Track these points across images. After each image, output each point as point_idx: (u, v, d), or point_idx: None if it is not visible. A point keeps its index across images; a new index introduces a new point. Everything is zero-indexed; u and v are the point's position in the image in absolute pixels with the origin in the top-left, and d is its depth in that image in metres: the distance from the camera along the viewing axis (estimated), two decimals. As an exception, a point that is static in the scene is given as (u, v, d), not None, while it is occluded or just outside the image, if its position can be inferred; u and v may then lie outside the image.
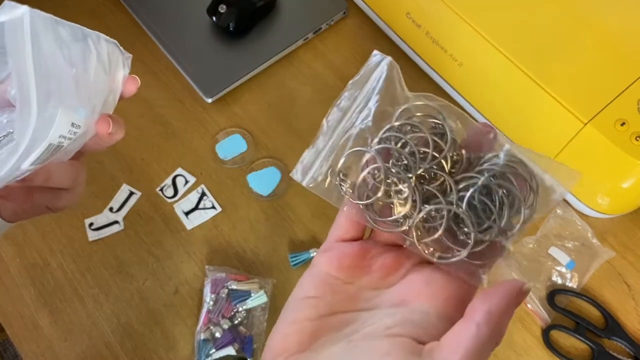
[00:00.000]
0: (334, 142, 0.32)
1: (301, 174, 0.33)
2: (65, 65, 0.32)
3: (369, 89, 0.32)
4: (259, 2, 0.72)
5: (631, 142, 0.53)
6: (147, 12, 0.75)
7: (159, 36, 0.73)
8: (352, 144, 0.32)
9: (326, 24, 0.74)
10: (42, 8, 0.30)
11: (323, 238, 0.63)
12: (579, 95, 0.55)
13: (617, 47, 0.57)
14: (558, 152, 0.58)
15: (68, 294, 0.61)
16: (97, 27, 0.34)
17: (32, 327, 0.60)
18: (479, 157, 0.30)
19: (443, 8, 0.60)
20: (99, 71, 0.35)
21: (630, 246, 0.62)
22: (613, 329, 0.58)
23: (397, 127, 0.31)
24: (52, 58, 0.31)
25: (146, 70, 0.73)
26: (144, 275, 0.62)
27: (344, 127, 0.33)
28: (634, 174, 0.55)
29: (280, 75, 0.72)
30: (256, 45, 0.72)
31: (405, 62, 0.71)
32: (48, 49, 0.31)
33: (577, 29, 0.58)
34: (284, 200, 0.65)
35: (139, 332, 0.60)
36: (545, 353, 0.57)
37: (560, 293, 0.59)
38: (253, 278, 0.60)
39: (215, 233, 0.64)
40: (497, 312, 0.26)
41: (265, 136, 0.68)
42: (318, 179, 0.32)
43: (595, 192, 0.59)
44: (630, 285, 0.60)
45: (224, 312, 0.58)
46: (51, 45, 0.31)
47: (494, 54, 0.58)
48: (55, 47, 0.31)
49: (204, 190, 0.65)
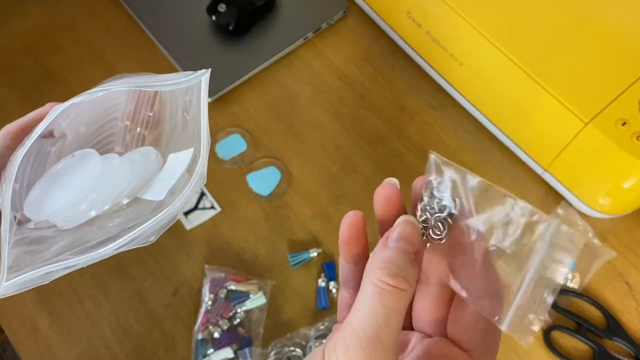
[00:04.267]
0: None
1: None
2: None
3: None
4: (259, 2, 0.72)
5: (632, 142, 0.53)
6: (146, 11, 0.75)
7: (159, 35, 0.73)
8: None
9: (326, 23, 0.74)
10: (42, 8, 0.29)
11: (323, 238, 0.63)
12: (580, 94, 0.55)
13: (619, 46, 0.57)
14: (559, 152, 0.57)
15: (67, 295, 0.61)
16: (96, 26, 0.34)
17: (31, 327, 0.60)
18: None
19: (443, 7, 0.60)
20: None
21: (631, 246, 0.61)
22: (614, 329, 0.57)
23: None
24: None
25: (145, 70, 0.72)
26: (143, 276, 0.62)
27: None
28: (635, 173, 0.55)
29: (280, 75, 0.72)
30: (256, 45, 0.72)
31: (405, 62, 0.71)
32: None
33: (578, 28, 0.58)
34: (284, 200, 0.65)
35: (138, 333, 0.59)
36: (546, 353, 0.57)
37: (561, 293, 0.59)
38: (252, 279, 0.60)
39: (214, 233, 0.63)
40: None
41: (265, 136, 0.68)
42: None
43: (596, 192, 0.59)
44: (632, 286, 0.60)
45: (222, 313, 0.58)
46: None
47: (494, 53, 0.58)
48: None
49: (203, 190, 0.65)
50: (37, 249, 0.34)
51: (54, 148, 0.39)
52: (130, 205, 0.37)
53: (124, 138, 0.40)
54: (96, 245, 0.34)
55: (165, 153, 0.38)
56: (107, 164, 0.37)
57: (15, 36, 0.75)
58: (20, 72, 0.73)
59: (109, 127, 0.40)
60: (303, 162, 0.67)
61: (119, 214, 0.36)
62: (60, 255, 0.33)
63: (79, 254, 0.33)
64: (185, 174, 0.36)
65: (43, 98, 0.71)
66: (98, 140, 0.40)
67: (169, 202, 0.35)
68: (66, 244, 0.35)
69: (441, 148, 0.67)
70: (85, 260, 0.33)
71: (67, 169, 0.37)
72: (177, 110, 0.39)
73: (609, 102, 0.54)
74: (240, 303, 0.58)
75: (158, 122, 0.40)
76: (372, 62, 0.72)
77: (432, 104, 0.69)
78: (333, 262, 0.61)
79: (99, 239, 0.34)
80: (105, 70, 0.73)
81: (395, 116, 0.69)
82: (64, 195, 0.36)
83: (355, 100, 0.70)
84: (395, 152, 0.67)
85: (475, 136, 0.67)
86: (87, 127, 0.40)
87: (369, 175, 0.66)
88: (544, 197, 0.64)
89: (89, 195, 0.36)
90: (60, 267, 0.33)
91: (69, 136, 0.40)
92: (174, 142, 0.39)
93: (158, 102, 0.40)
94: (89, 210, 0.36)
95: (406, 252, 0.26)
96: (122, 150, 0.41)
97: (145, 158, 0.38)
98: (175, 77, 0.36)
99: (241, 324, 0.58)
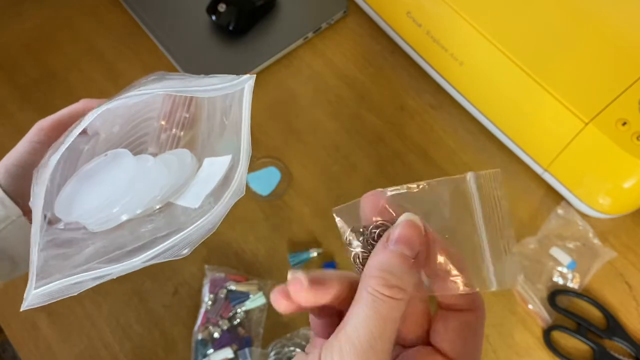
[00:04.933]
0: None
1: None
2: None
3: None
4: (259, 1, 0.72)
5: (632, 141, 0.53)
6: (146, 11, 0.74)
7: (158, 35, 0.73)
8: None
9: (326, 23, 0.74)
10: (42, 8, 0.29)
11: (323, 238, 0.63)
12: (580, 94, 0.55)
13: (619, 46, 0.57)
14: (559, 152, 0.57)
15: (67, 295, 0.61)
16: (96, 27, 0.34)
17: (31, 328, 0.60)
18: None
19: (444, 7, 0.60)
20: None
21: (631, 246, 0.61)
22: (614, 329, 0.57)
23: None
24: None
25: (145, 70, 0.72)
26: (143, 276, 0.62)
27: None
28: (636, 173, 0.54)
29: (280, 75, 0.72)
30: (256, 45, 0.72)
31: (405, 62, 0.71)
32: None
33: (579, 29, 0.58)
34: (284, 200, 0.65)
35: (137, 333, 0.59)
36: (546, 354, 0.57)
37: (561, 293, 0.59)
38: (252, 279, 0.60)
39: (214, 233, 0.63)
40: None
41: (265, 136, 0.68)
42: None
43: (596, 192, 0.59)
44: (632, 286, 0.60)
45: (222, 313, 0.58)
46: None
47: (494, 53, 0.58)
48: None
49: (203, 190, 0.65)
50: (67, 252, 0.33)
51: (87, 146, 0.38)
52: (162, 211, 0.35)
53: (158, 138, 0.39)
54: (127, 255, 0.32)
55: (201, 156, 0.37)
56: (141, 166, 0.36)
57: (15, 36, 0.75)
58: (20, 72, 0.73)
59: (143, 127, 0.39)
60: (303, 162, 0.66)
61: (151, 218, 0.35)
62: (90, 264, 0.31)
63: (109, 262, 0.31)
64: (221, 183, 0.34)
65: (43, 98, 0.71)
66: (132, 140, 0.39)
67: (206, 212, 0.33)
68: (96, 248, 0.33)
69: (441, 148, 0.67)
70: (117, 271, 0.31)
71: (100, 169, 0.36)
72: (216, 112, 0.37)
73: (609, 102, 0.54)
74: (240, 303, 0.58)
75: (193, 122, 0.39)
76: (372, 62, 0.72)
77: (432, 103, 0.69)
78: (333, 263, 0.61)
79: (130, 245, 0.32)
80: (105, 70, 0.72)
81: (395, 116, 0.69)
82: (96, 196, 0.35)
83: (355, 100, 0.70)
84: (395, 152, 0.67)
85: (475, 136, 0.67)
86: (121, 126, 0.38)
87: (369, 175, 0.65)
88: (544, 197, 0.64)
89: (122, 197, 0.34)
90: (90, 276, 0.31)
91: (102, 135, 0.38)
92: (211, 146, 0.37)
93: (195, 103, 0.38)
94: (120, 213, 0.34)
95: (404, 257, 0.26)
96: (156, 151, 0.39)
97: (181, 160, 0.36)
98: (217, 82, 0.34)
99: (241, 324, 0.58)
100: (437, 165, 0.66)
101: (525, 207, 0.63)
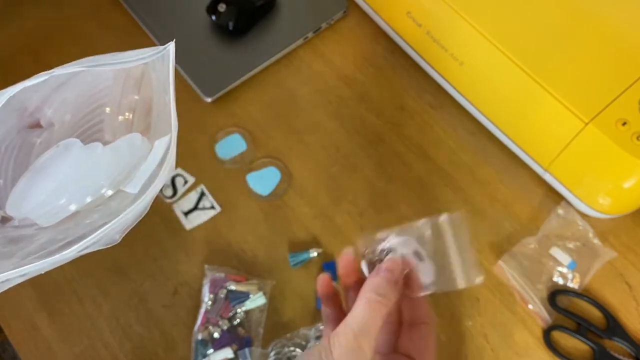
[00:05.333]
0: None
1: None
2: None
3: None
4: (259, 1, 0.72)
5: (632, 142, 0.53)
6: (146, 11, 0.75)
7: (158, 35, 0.73)
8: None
9: (326, 23, 0.74)
10: (42, 8, 0.29)
11: (323, 238, 0.63)
12: (580, 94, 0.55)
13: (619, 46, 0.57)
14: (559, 152, 0.57)
15: (67, 295, 0.61)
16: (96, 27, 0.34)
17: (31, 328, 0.60)
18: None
19: (444, 7, 0.60)
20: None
21: (631, 246, 0.61)
22: (614, 329, 0.57)
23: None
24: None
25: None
26: (143, 276, 0.62)
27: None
28: (636, 173, 0.54)
29: (280, 75, 0.72)
30: (256, 45, 0.72)
31: (405, 62, 0.71)
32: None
33: (579, 28, 0.58)
34: (284, 200, 0.65)
35: (137, 333, 0.59)
36: (546, 354, 0.57)
37: (561, 293, 0.59)
38: (252, 279, 0.60)
39: (214, 233, 0.63)
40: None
41: (265, 136, 0.68)
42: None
43: (596, 192, 0.59)
44: (632, 286, 0.60)
45: (222, 313, 0.58)
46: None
47: (494, 53, 0.58)
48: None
49: (203, 190, 0.65)
50: (11, 250, 0.31)
51: (40, 139, 0.36)
52: (113, 199, 0.34)
53: (112, 125, 0.37)
54: (64, 247, 0.30)
55: (153, 139, 0.35)
56: (88, 154, 0.34)
57: (15, 36, 0.75)
58: (20, 72, 0.73)
59: (96, 114, 0.37)
60: (303, 162, 0.66)
61: (99, 208, 0.33)
62: (25, 259, 0.30)
63: (47, 256, 0.30)
64: (162, 164, 0.33)
65: (43, 98, 0.71)
66: (86, 128, 0.37)
67: (139, 197, 0.32)
68: (41, 243, 0.32)
69: (441, 148, 0.67)
70: (47, 265, 0.30)
71: (51, 161, 0.34)
72: (161, 92, 0.35)
73: (609, 102, 0.54)
74: (240, 303, 0.58)
75: (150, 107, 0.37)
76: (372, 62, 0.72)
77: (432, 104, 0.69)
78: (333, 263, 0.61)
79: (71, 236, 0.31)
80: (105, 70, 0.72)
81: (395, 116, 0.69)
82: (43, 190, 0.33)
83: (355, 100, 0.70)
84: (395, 152, 0.67)
85: (475, 136, 0.67)
86: (72, 115, 0.37)
87: (369, 175, 0.65)
88: (544, 197, 0.64)
89: (68, 188, 0.33)
90: (17, 274, 0.29)
91: (56, 125, 0.37)
92: (160, 127, 0.35)
93: (145, 84, 0.36)
94: (68, 204, 0.33)
95: (389, 279, 0.38)
96: (112, 138, 0.37)
97: (130, 145, 0.35)
98: (139, 54, 0.32)
99: (241, 324, 0.58)
100: (437, 165, 0.66)
101: (525, 207, 0.63)
